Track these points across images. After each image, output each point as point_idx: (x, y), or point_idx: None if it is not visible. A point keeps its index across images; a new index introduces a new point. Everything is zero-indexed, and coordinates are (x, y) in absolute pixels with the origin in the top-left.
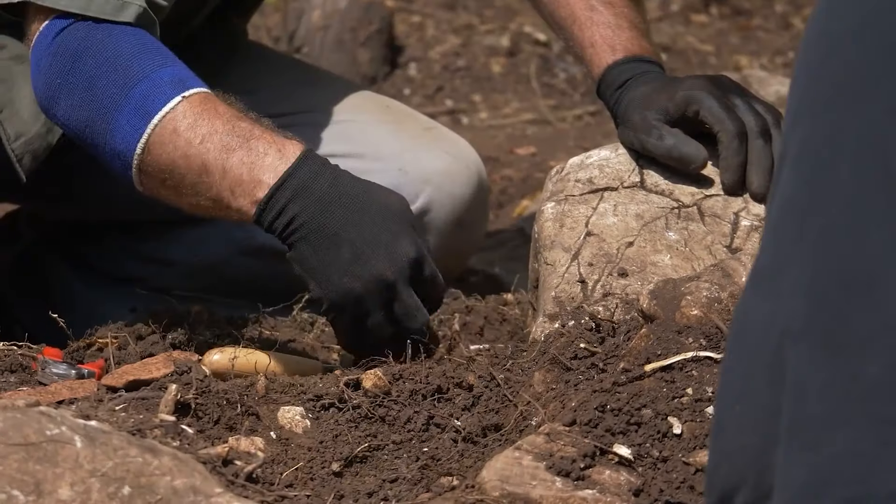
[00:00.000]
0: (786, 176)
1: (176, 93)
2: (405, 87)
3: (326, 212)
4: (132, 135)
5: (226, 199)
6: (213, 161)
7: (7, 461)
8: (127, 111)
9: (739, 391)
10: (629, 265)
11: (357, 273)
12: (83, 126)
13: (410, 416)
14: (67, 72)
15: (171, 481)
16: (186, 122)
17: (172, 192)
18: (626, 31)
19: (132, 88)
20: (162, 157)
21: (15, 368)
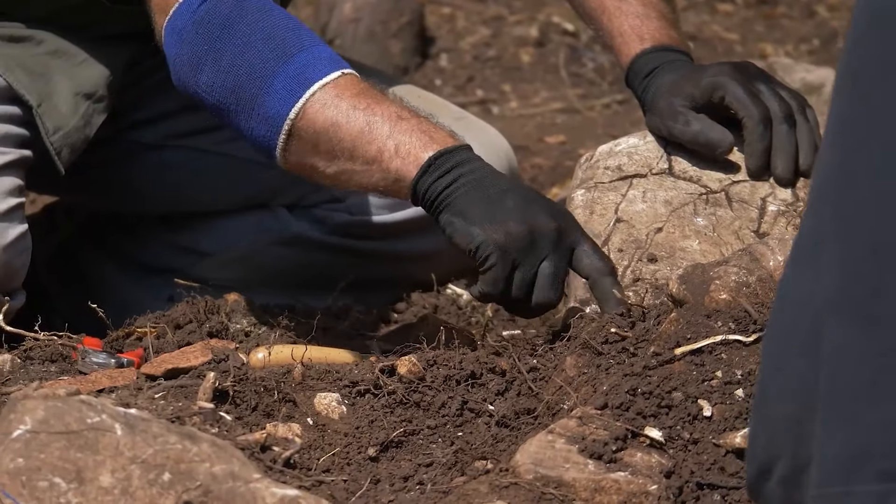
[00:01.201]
0: (824, 150)
1: (336, 68)
2: (436, 78)
3: (489, 179)
4: (288, 99)
5: (386, 160)
6: (381, 123)
7: (49, 449)
8: (283, 77)
9: (779, 363)
10: (658, 251)
11: (522, 220)
12: (229, 91)
13: (445, 401)
14: (216, 38)
15: (210, 467)
16: (350, 92)
17: (323, 156)
18: (655, 21)
19: (291, 57)
20: (319, 120)
21: (55, 358)
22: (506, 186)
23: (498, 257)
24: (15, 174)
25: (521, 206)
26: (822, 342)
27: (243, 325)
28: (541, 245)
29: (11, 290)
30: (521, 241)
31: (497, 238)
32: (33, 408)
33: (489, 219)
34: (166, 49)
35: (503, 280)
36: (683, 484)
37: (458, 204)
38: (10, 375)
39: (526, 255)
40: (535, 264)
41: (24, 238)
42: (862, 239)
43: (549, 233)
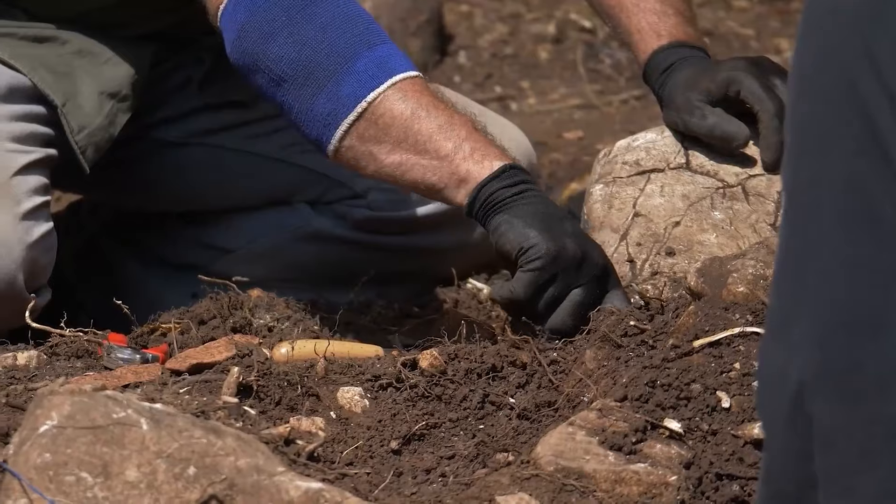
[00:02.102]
0: (782, 221)
1: (414, 68)
2: (455, 75)
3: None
4: (368, 82)
5: (458, 158)
6: (459, 126)
7: (75, 444)
8: (365, 61)
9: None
10: (676, 244)
11: (578, 243)
12: (302, 65)
13: (466, 394)
14: (299, 10)
15: (234, 461)
16: (429, 91)
17: (388, 144)
18: (672, 18)
19: (375, 46)
20: (398, 108)
21: (81, 354)
22: (566, 214)
23: (545, 262)
24: (40, 173)
25: (578, 232)
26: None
27: (266, 320)
28: (585, 272)
29: (37, 287)
30: (572, 259)
31: (551, 247)
32: (60, 403)
33: (548, 229)
34: (231, 20)
35: (537, 287)
36: (703, 475)
37: (521, 209)
38: (37, 371)
39: (568, 274)
40: (570, 287)
41: (50, 236)
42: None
43: (596, 265)
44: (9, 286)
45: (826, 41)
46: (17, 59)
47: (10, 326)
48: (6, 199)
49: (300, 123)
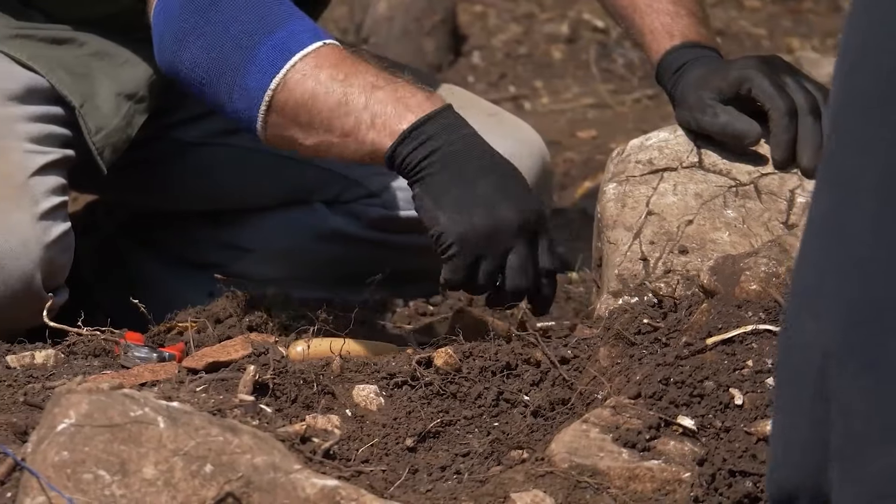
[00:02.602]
0: (817, 194)
1: (317, 39)
2: (469, 75)
3: (466, 154)
4: (269, 70)
5: (362, 131)
6: (357, 94)
7: (93, 442)
8: (265, 49)
9: (791, 408)
10: (689, 243)
11: (488, 213)
12: (213, 65)
13: (481, 392)
14: (203, 12)
15: (251, 459)
16: (329, 62)
17: (302, 129)
18: (685, 19)
19: (273, 31)
20: (298, 91)
21: (98, 353)
22: (480, 165)
23: (458, 249)
24: (58, 173)
25: (490, 195)
26: (831, 389)
27: (282, 318)
28: (504, 238)
29: (55, 286)
30: (484, 234)
31: (459, 230)
32: (77, 402)
33: (456, 206)
34: (154, 31)
35: (464, 270)
36: (716, 471)
37: (431, 183)
38: (54, 370)
39: (489, 247)
40: (499, 256)
41: (67, 236)
42: (862, 291)
43: (512, 226)
44: (27, 285)
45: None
46: (35, 61)
47: (29, 325)
48: (24, 199)
49: (231, 121)
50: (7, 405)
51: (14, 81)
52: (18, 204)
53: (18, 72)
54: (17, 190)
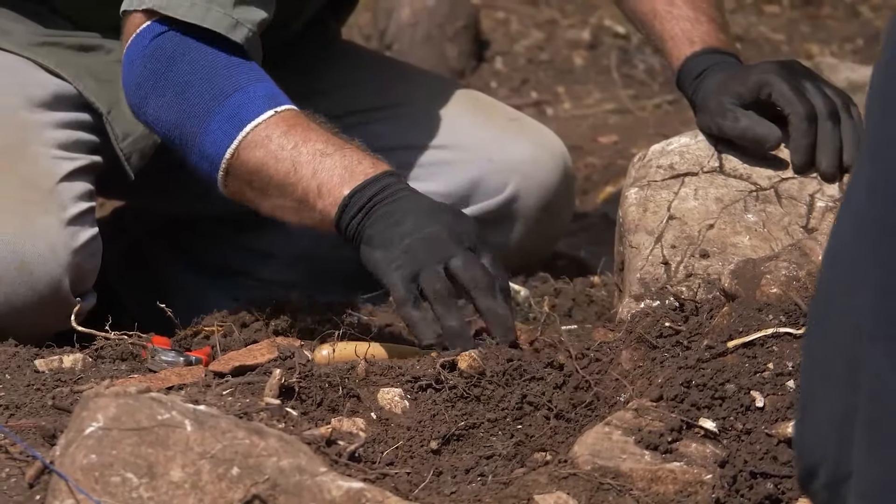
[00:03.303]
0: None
1: (269, 107)
2: (492, 81)
3: (399, 205)
4: (223, 139)
5: (311, 198)
6: (306, 163)
7: (121, 445)
8: (219, 118)
9: (822, 373)
10: (710, 247)
11: (415, 235)
12: (172, 127)
13: (504, 395)
14: (161, 74)
15: (277, 462)
16: (279, 131)
17: (257, 193)
18: (705, 25)
19: (227, 98)
20: (251, 160)
21: (126, 357)
22: (404, 212)
23: (393, 270)
24: (85, 179)
25: (416, 223)
26: (863, 362)
27: (308, 322)
28: (438, 250)
29: (83, 291)
30: (414, 251)
31: (393, 256)
32: (105, 405)
33: (386, 242)
34: (122, 73)
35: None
36: (737, 473)
37: (368, 239)
38: (82, 374)
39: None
40: (437, 263)
41: (95, 241)
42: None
43: (442, 238)
44: (55, 290)
45: None
46: (62, 68)
47: (57, 330)
48: (52, 204)
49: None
50: (36, 409)
51: (42, 88)
52: (46, 209)
53: (46, 79)
54: (46, 195)
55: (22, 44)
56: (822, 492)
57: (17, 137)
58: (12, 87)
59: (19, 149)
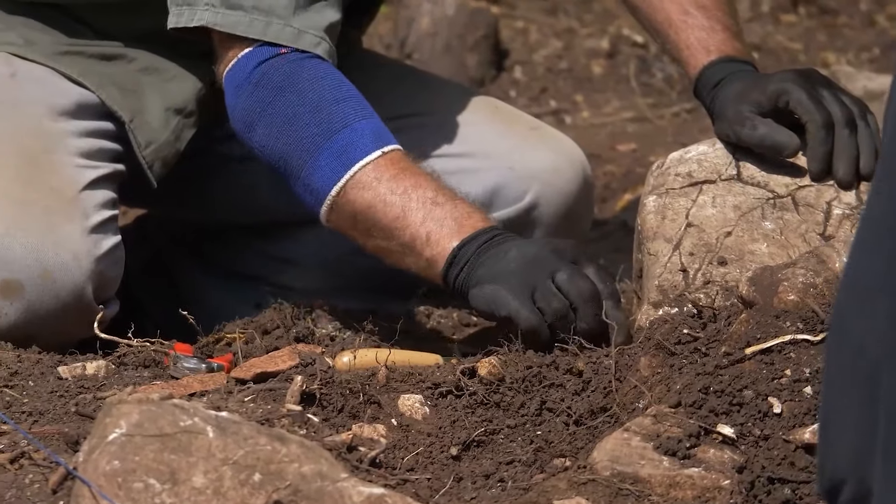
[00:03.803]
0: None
1: (376, 147)
2: (511, 89)
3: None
4: (330, 176)
5: (419, 246)
6: (415, 209)
7: (144, 452)
8: (327, 154)
9: (841, 393)
10: (728, 254)
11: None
12: (279, 157)
13: (524, 401)
14: (269, 103)
15: (299, 468)
16: (389, 174)
17: (361, 233)
18: (720, 33)
19: (335, 134)
20: (358, 201)
21: (148, 364)
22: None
23: (507, 295)
24: (108, 187)
25: (520, 252)
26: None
27: (329, 329)
28: (545, 265)
29: (106, 299)
30: (523, 272)
31: (500, 283)
32: (128, 412)
33: (494, 277)
34: (225, 95)
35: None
36: (755, 478)
37: (474, 277)
38: (105, 381)
39: (533, 277)
40: (546, 279)
41: (118, 249)
42: None
43: (546, 256)
44: (78, 298)
45: None
46: (85, 77)
47: (80, 337)
48: (75, 213)
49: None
50: (59, 415)
51: (65, 97)
52: (70, 217)
53: (69, 88)
54: (69, 204)
55: (46, 53)
56: None
57: (41, 146)
58: (36, 96)
59: (43, 157)
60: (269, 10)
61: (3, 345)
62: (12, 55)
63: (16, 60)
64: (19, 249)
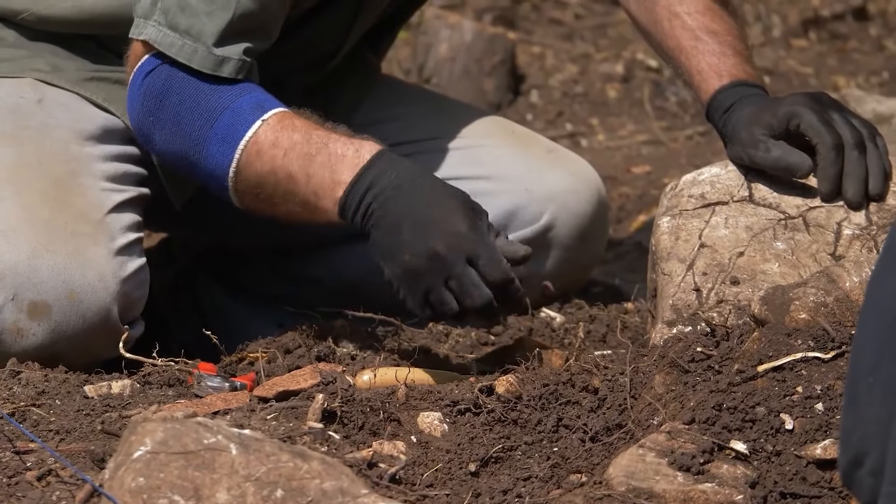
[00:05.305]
0: None
1: (256, 117)
2: (528, 113)
3: (391, 199)
4: (222, 161)
5: (312, 201)
6: (298, 170)
7: (168, 468)
8: (214, 141)
9: (873, 364)
10: (740, 274)
11: (416, 251)
12: (177, 157)
13: (541, 418)
14: (156, 109)
15: (320, 484)
16: (268, 142)
17: (266, 203)
18: (731, 58)
19: (216, 120)
20: (251, 176)
21: (173, 383)
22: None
23: (405, 292)
24: (133, 210)
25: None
26: None
27: (349, 349)
28: (438, 268)
29: (131, 319)
30: (416, 272)
31: (397, 273)
32: (153, 430)
33: (389, 255)
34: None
35: (419, 306)
36: (767, 494)
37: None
38: (130, 399)
39: (428, 279)
40: (441, 283)
41: (142, 271)
42: None
43: (439, 256)
44: (104, 318)
45: None
46: (110, 103)
47: (106, 357)
48: (101, 235)
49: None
50: (85, 433)
51: (91, 122)
52: (96, 240)
53: (95, 113)
54: (95, 226)
55: (72, 79)
56: (867, 478)
57: (68, 170)
58: (63, 121)
59: (70, 181)
60: (198, 36)
61: (30, 364)
62: (39, 81)
63: (43, 86)
64: (46, 271)
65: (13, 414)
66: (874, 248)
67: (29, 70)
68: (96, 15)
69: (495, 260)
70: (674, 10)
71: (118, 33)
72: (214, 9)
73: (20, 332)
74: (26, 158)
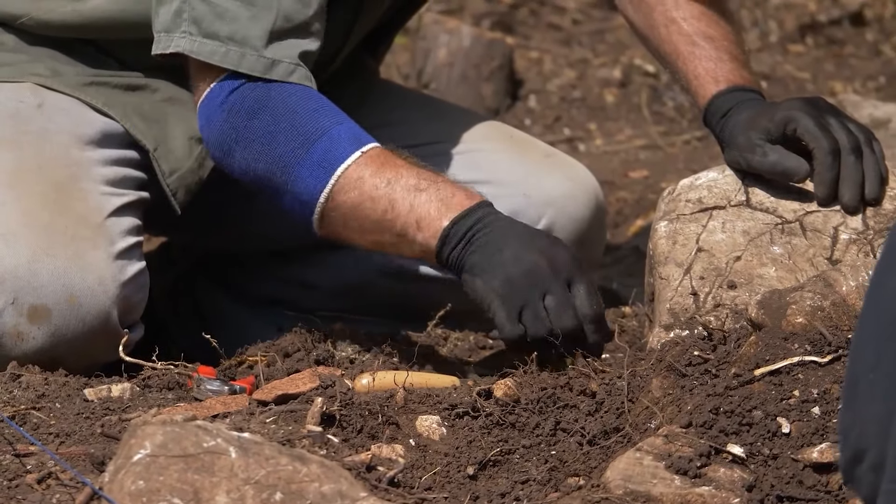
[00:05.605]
0: None
1: (355, 148)
2: (526, 118)
3: (498, 234)
4: (315, 186)
5: (411, 233)
6: (401, 199)
7: (168, 472)
8: (308, 164)
9: (873, 361)
10: (737, 278)
11: (519, 261)
12: (261, 176)
13: (539, 422)
14: (244, 127)
15: (319, 487)
16: (370, 171)
17: (355, 232)
18: (728, 63)
19: (313, 144)
20: (346, 203)
21: (172, 386)
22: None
23: (498, 304)
24: (133, 214)
25: (516, 251)
26: None
27: (348, 352)
28: (537, 282)
29: (131, 323)
30: (515, 283)
31: (493, 285)
32: (152, 433)
33: (489, 270)
34: (199, 126)
35: (509, 322)
36: (764, 497)
37: (470, 268)
38: (130, 403)
39: (525, 294)
40: (537, 300)
41: (142, 275)
42: None
43: (542, 270)
44: (104, 322)
45: None
46: (110, 107)
47: (106, 360)
48: (101, 239)
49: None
50: (85, 436)
51: (91, 127)
52: (95, 244)
53: (94, 117)
54: (95, 230)
55: (72, 84)
56: (867, 474)
57: (68, 174)
58: (63, 125)
59: (70, 185)
60: (244, 41)
61: (30, 368)
62: (39, 86)
63: (43, 91)
64: (46, 275)
65: (13, 417)
66: (871, 253)
67: (29, 75)
68: (96, 19)
69: (592, 292)
70: (671, 16)
71: (117, 38)
72: (257, 11)
73: (20, 336)
74: (26, 163)
